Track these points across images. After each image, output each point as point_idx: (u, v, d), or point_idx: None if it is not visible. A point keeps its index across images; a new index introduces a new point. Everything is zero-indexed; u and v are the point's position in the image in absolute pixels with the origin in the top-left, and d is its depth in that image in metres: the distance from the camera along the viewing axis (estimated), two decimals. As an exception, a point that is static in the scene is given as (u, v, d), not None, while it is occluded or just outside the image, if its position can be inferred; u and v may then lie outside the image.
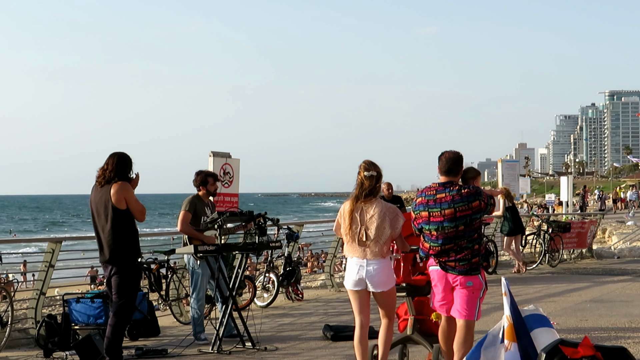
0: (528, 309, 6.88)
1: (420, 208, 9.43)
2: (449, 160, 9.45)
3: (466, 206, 9.19)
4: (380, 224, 9.49)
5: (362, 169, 9.70)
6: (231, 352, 11.95)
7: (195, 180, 13.63)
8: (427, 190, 9.48)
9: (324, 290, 20.51)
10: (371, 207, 9.57)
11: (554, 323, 13.51)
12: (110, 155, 11.07)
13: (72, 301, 13.07)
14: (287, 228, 18.73)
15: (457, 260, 9.25)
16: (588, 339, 5.83)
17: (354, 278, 9.68)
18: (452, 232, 9.21)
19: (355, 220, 9.57)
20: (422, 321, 10.61)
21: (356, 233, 9.56)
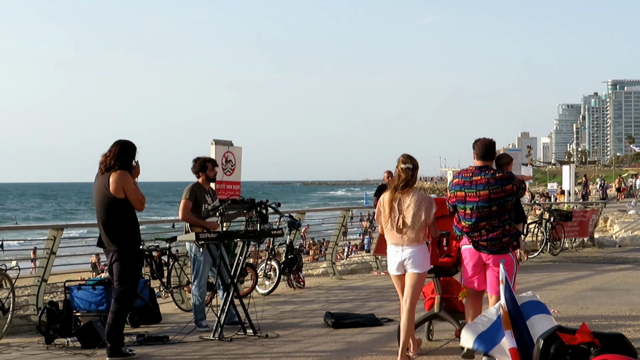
0: (525, 296, 6.88)
1: (457, 188, 10.23)
2: (484, 146, 10.24)
3: (500, 189, 10.00)
4: (416, 212, 10.16)
5: (400, 162, 10.43)
6: (232, 339, 11.96)
7: (193, 167, 13.61)
8: (464, 172, 10.30)
9: (325, 278, 20.54)
10: (408, 197, 10.27)
11: (554, 311, 13.58)
12: (115, 142, 11.06)
13: (74, 288, 13.08)
14: (289, 216, 18.74)
15: (489, 239, 10.04)
16: (586, 326, 5.84)
17: (395, 263, 10.47)
18: (486, 212, 10.01)
19: (394, 209, 10.26)
20: (448, 300, 11.40)
21: (394, 221, 10.24)
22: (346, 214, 21.40)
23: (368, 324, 13.10)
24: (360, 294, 17.28)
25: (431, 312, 11.39)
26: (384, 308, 14.87)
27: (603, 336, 5.84)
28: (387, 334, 12.29)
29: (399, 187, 10.32)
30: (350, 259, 27.99)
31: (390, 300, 16.12)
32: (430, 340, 11.55)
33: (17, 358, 11.15)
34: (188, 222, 13.20)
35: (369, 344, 11.58)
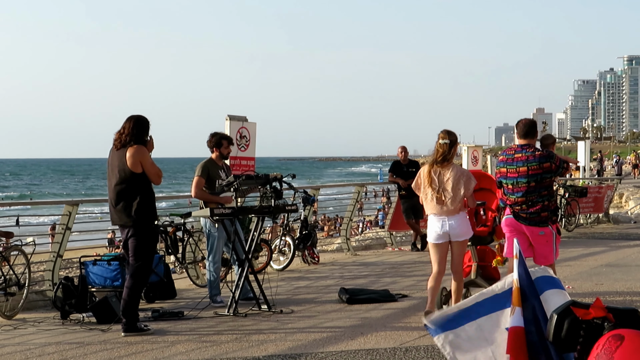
0: (539, 271, 6.85)
1: (501, 165, 11.11)
2: (525, 125, 11.05)
3: (538, 166, 10.77)
4: (455, 185, 10.89)
5: (439, 137, 11.17)
6: (247, 314, 11.99)
7: (209, 141, 13.60)
8: (508, 150, 11.16)
9: (340, 254, 20.55)
10: (447, 171, 10.99)
11: (569, 287, 13.57)
12: (128, 118, 11.06)
13: (89, 263, 13.12)
14: (304, 191, 18.74)
15: (529, 213, 10.89)
16: (600, 301, 5.80)
17: (438, 232, 11.06)
18: (525, 187, 10.83)
19: (434, 181, 11.00)
20: (484, 267, 12.24)
21: (434, 193, 10.97)
22: (360, 190, 21.39)
23: (382, 299, 13.11)
24: (374, 269, 17.29)
25: (468, 278, 12.02)
26: (398, 284, 14.88)
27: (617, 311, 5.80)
28: (401, 310, 12.30)
29: (438, 160, 11.05)
30: (364, 234, 28.00)
31: (404, 276, 16.14)
32: None
33: (33, 333, 11.20)
34: (201, 199, 13.21)
35: (383, 319, 11.59)
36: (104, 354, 9.78)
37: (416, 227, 21.03)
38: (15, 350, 10.04)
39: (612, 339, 5.50)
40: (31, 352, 9.92)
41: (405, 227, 21.63)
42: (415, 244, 21.09)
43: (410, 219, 20.83)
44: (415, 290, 14.12)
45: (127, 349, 10.03)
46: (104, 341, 10.48)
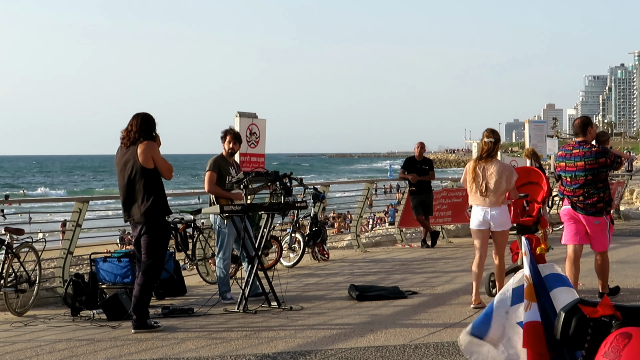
0: (547, 268, 6.86)
1: (560, 159, 12.31)
2: (581, 123, 12.17)
3: (594, 161, 11.92)
4: (498, 179, 12.04)
5: (484, 136, 12.42)
6: (257, 311, 12.01)
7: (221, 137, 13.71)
8: (566, 146, 12.33)
9: (350, 251, 20.55)
10: (491, 166, 12.14)
11: (579, 284, 13.53)
12: (134, 115, 11.09)
13: (99, 260, 13.15)
14: (313, 188, 18.75)
15: (586, 204, 12.05)
16: (607, 298, 5.81)
17: (480, 220, 12.23)
18: (582, 180, 11.99)
19: (478, 175, 12.17)
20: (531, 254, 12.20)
21: (478, 186, 12.16)
22: (370, 186, 21.39)
23: (392, 296, 13.11)
24: (384, 266, 17.29)
25: (515, 264, 13.22)
26: (408, 281, 14.89)
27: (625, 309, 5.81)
28: (411, 307, 12.31)
29: (483, 156, 12.26)
30: (374, 231, 28.00)
31: (414, 273, 16.15)
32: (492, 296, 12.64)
33: (44, 330, 11.24)
34: (214, 194, 13.21)
35: (393, 316, 11.60)
36: (114, 351, 9.81)
37: (426, 223, 21.04)
38: (26, 347, 10.08)
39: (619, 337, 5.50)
40: (42, 349, 9.96)
41: (415, 223, 21.63)
42: (425, 240, 21.09)
43: (419, 215, 20.84)
44: (425, 287, 14.13)
45: (137, 345, 10.06)
46: (114, 338, 10.51)
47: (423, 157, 21.22)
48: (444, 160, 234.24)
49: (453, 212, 23.18)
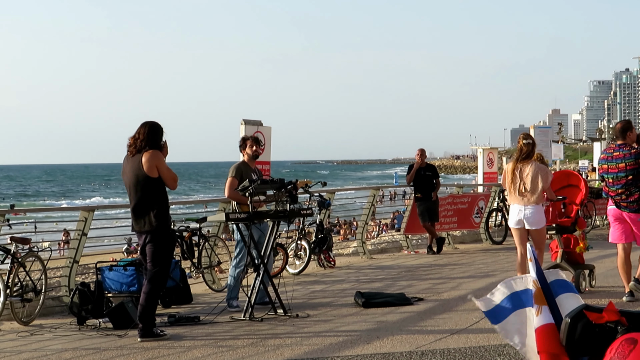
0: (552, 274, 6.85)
1: (602, 162, 13.01)
2: (621, 128, 12.95)
3: (634, 162, 12.61)
4: (534, 179, 12.95)
5: (521, 139, 13.35)
6: (263, 319, 12.01)
7: (239, 145, 13.85)
8: (607, 149, 13.08)
9: (355, 258, 20.54)
10: (527, 167, 13.05)
11: (586, 288, 13.52)
12: (142, 124, 11.10)
13: (105, 269, 13.15)
14: (319, 195, 18.75)
15: (628, 202, 12.69)
16: (612, 304, 5.81)
17: (515, 219, 13.14)
18: (624, 180, 12.65)
19: (516, 176, 13.07)
20: (569, 253, 14.28)
21: (517, 186, 13.05)
22: (376, 193, 21.39)
23: (398, 303, 13.10)
24: (390, 273, 17.28)
25: (555, 262, 14.11)
26: (414, 287, 14.88)
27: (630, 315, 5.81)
28: (417, 313, 12.30)
29: (520, 158, 13.19)
30: (380, 238, 28.01)
31: (420, 279, 16.14)
32: None
33: (50, 339, 11.24)
34: (234, 200, 13.27)
35: (399, 323, 11.59)
36: (120, 360, 9.82)
37: (432, 229, 21.03)
38: (32, 357, 10.08)
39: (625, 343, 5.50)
40: (48, 358, 9.96)
41: (421, 230, 21.63)
42: (431, 246, 21.08)
43: (425, 221, 20.83)
44: (432, 293, 14.12)
45: (143, 354, 10.06)
46: (121, 347, 10.52)
47: (426, 163, 21.22)
48: (450, 166, 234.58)
49: (459, 219, 23.19)
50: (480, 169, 30.89)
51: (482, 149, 31.38)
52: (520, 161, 13.17)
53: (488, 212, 24.01)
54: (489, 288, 13.40)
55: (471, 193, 27.33)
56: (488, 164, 30.63)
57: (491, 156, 30.99)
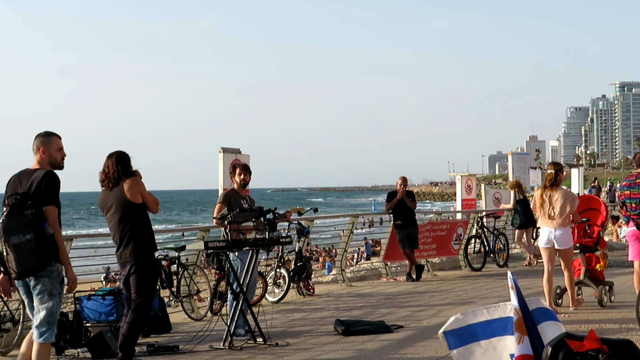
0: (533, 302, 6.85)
1: (624, 188, 13.77)
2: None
3: None
4: (563, 204, 14.17)
5: (549, 167, 14.68)
6: (242, 347, 11.97)
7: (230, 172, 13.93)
8: (630, 177, 13.78)
9: (335, 285, 20.53)
10: (555, 193, 14.30)
11: (564, 315, 13.56)
12: (108, 156, 11.01)
13: (84, 298, 13.09)
14: (298, 223, 18.74)
15: None
16: (594, 332, 5.83)
17: (545, 239, 14.37)
18: None
19: (545, 201, 14.31)
20: (591, 270, 15.43)
21: (546, 210, 14.28)
22: (355, 220, 21.40)
23: (378, 331, 13.09)
24: (370, 300, 17.27)
25: (578, 279, 15.23)
26: (394, 315, 14.87)
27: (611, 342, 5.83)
28: (397, 341, 12.29)
29: (547, 185, 14.39)
30: (359, 265, 28.00)
31: (400, 306, 16.13)
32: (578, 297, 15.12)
33: (28, 369, 11.15)
34: (221, 227, 13.24)
35: (379, 351, 11.58)
36: (99, 390, 9.76)
37: (412, 257, 21.05)
38: (10, 387, 10.02)
39: (606, 371, 5.52)
40: (26, 389, 9.88)
41: (400, 257, 21.64)
42: (410, 274, 21.09)
43: (405, 248, 20.85)
44: (411, 320, 14.12)
45: (122, 384, 10.00)
46: (99, 377, 10.45)
47: (406, 191, 21.29)
48: (428, 192, 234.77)
49: (438, 245, 23.21)
50: (459, 195, 30.96)
51: (461, 175, 31.48)
52: (549, 187, 14.36)
53: (467, 238, 24.06)
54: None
55: (450, 220, 27.36)
56: (466, 191, 30.70)
57: (469, 183, 31.06)
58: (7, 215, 8.62)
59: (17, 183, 9.00)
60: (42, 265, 8.64)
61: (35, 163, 9.19)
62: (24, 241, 8.54)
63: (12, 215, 8.61)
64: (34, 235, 8.55)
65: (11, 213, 8.62)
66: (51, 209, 8.81)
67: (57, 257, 8.79)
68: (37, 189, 8.76)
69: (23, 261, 8.57)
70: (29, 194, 8.70)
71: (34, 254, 8.56)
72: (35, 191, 8.72)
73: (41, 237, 8.61)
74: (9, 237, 8.56)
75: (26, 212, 8.58)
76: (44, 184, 8.79)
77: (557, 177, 14.42)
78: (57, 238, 8.77)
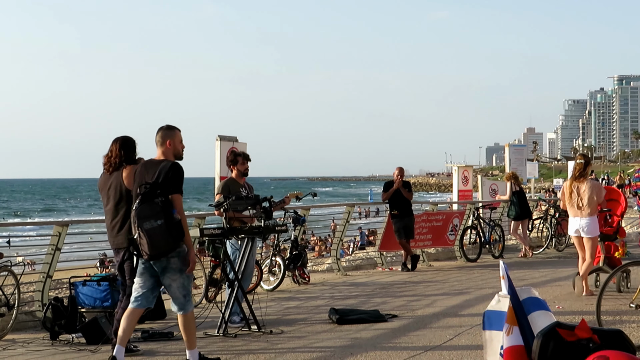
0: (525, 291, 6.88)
1: (637, 180, 14.56)
2: None
3: None
4: (590, 195, 14.98)
5: (577, 159, 15.44)
6: (237, 335, 11.99)
7: (227, 159, 13.85)
8: None
9: (330, 274, 20.54)
10: (583, 184, 15.10)
11: (559, 307, 13.59)
12: (113, 141, 11.07)
13: (79, 284, 13.09)
14: (294, 212, 18.74)
15: None
16: (585, 322, 5.86)
17: (574, 228, 15.25)
18: None
19: (573, 192, 15.14)
20: (610, 258, 16.02)
21: (574, 201, 15.12)
22: (351, 210, 21.40)
23: (372, 320, 13.11)
24: (364, 290, 17.29)
25: (597, 266, 15.79)
26: (389, 304, 14.89)
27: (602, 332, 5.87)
28: (391, 330, 12.30)
29: (576, 176, 15.19)
30: (355, 254, 28.01)
31: (394, 296, 16.15)
32: (596, 287, 15.68)
33: (22, 354, 11.18)
34: (219, 215, 13.23)
35: (373, 340, 11.59)
36: (93, 375, 9.77)
37: (407, 247, 21.06)
38: (4, 372, 10.03)
39: (597, 360, 5.55)
40: (20, 373, 9.91)
41: (396, 247, 21.65)
42: (405, 264, 21.10)
43: (401, 238, 20.86)
44: (406, 310, 14.13)
45: (116, 369, 10.00)
46: (94, 362, 10.47)
47: (402, 181, 21.28)
48: (425, 183, 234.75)
49: (433, 236, 23.23)
50: (455, 186, 30.95)
51: (457, 166, 31.46)
52: (577, 179, 15.19)
53: (462, 229, 24.07)
54: (464, 305, 13.53)
55: (446, 211, 27.37)
56: (463, 182, 30.70)
57: (466, 174, 31.05)
58: (140, 203, 9.53)
59: (145, 173, 9.83)
60: (171, 247, 9.55)
61: (160, 154, 10.00)
62: (156, 226, 9.43)
63: (145, 203, 9.51)
64: (164, 220, 9.45)
65: (143, 201, 9.54)
66: (177, 197, 9.67)
67: (183, 240, 9.66)
68: (165, 178, 9.60)
69: (155, 244, 9.47)
70: (158, 183, 9.57)
71: (164, 238, 9.46)
72: (163, 181, 9.57)
73: (171, 222, 9.50)
74: (142, 222, 9.45)
75: (156, 200, 9.49)
76: (170, 175, 9.61)
77: (585, 168, 15.17)
78: (183, 223, 9.66)
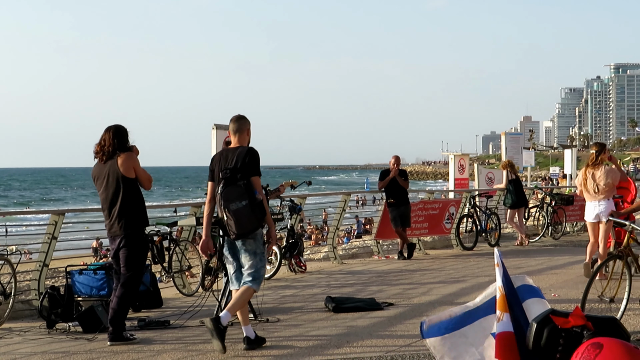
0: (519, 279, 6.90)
1: None
2: None
3: None
4: (605, 180, 15.33)
5: (592, 147, 15.98)
6: (232, 323, 11.99)
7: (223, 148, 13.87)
8: None
9: (326, 263, 20.56)
10: (598, 171, 15.47)
11: (554, 295, 13.61)
12: (105, 129, 11.10)
13: (75, 273, 13.11)
14: (290, 200, 18.75)
15: None
16: (579, 309, 5.88)
17: (592, 213, 15.61)
18: None
19: (589, 179, 15.53)
20: (620, 243, 15.18)
21: (591, 187, 15.49)
22: (347, 198, 21.41)
23: (368, 308, 13.13)
24: (361, 278, 17.31)
25: (608, 250, 15.61)
26: (385, 292, 14.90)
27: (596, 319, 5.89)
28: (387, 318, 12.32)
29: (590, 163, 15.60)
30: (351, 243, 28.03)
31: (390, 284, 16.16)
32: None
33: (19, 342, 11.19)
34: None
35: (369, 328, 11.61)
36: (89, 364, 9.79)
37: (403, 235, 21.07)
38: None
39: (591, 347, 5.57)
40: (17, 362, 9.92)
41: (392, 235, 21.66)
42: (402, 252, 21.12)
43: (398, 227, 20.87)
44: (402, 298, 14.15)
45: (113, 358, 10.03)
46: (90, 350, 10.49)
47: (399, 169, 21.28)
48: (421, 172, 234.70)
49: (430, 224, 23.24)
50: (452, 175, 31.00)
51: (454, 155, 31.49)
52: (592, 166, 15.56)
53: (459, 218, 24.09)
54: (460, 293, 13.56)
55: (442, 199, 27.39)
56: (459, 170, 30.74)
57: (462, 162, 31.10)
58: (225, 186, 10.10)
59: (224, 159, 10.35)
60: (255, 226, 10.13)
61: (236, 141, 10.52)
62: (241, 207, 10.02)
63: (229, 186, 10.09)
64: (248, 201, 10.04)
65: (227, 184, 10.11)
66: (256, 179, 10.28)
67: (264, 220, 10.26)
68: (243, 163, 10.17)
69: (241, 224, 10.02)
70: (237, 167, 10.14)
71: (249, 218, 10.04)
72: (242, 165, 10.14)
73: (254, 203, 10.09)
74: (229, 204, 10.03)
75: (239, 182, 10.08)
76: (248, 159, 10.19)
77: (599, 156, 15.56)
78: (264, 203, 10.22)
